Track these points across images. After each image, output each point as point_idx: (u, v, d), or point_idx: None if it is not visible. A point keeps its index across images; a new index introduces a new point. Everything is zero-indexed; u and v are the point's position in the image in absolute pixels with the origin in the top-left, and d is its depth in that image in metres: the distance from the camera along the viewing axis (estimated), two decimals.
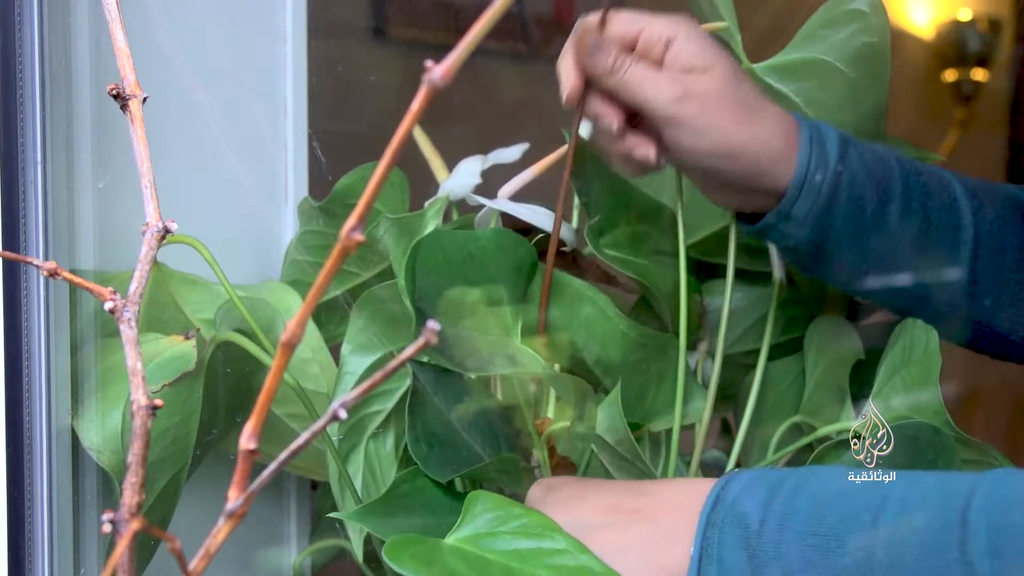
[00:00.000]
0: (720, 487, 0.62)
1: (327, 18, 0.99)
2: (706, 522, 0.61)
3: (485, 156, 0.85)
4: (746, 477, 0.63)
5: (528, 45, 1.45)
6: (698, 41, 0.70)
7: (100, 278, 0.71)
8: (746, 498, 0.61)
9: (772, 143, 0.71)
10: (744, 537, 0.60)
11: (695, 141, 0.69)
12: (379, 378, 0.38)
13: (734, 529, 0.60)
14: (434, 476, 0.71)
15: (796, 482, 0.61)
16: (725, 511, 0.61)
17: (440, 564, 0.61)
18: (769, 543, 0.59)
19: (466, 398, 0.75)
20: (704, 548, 0.61)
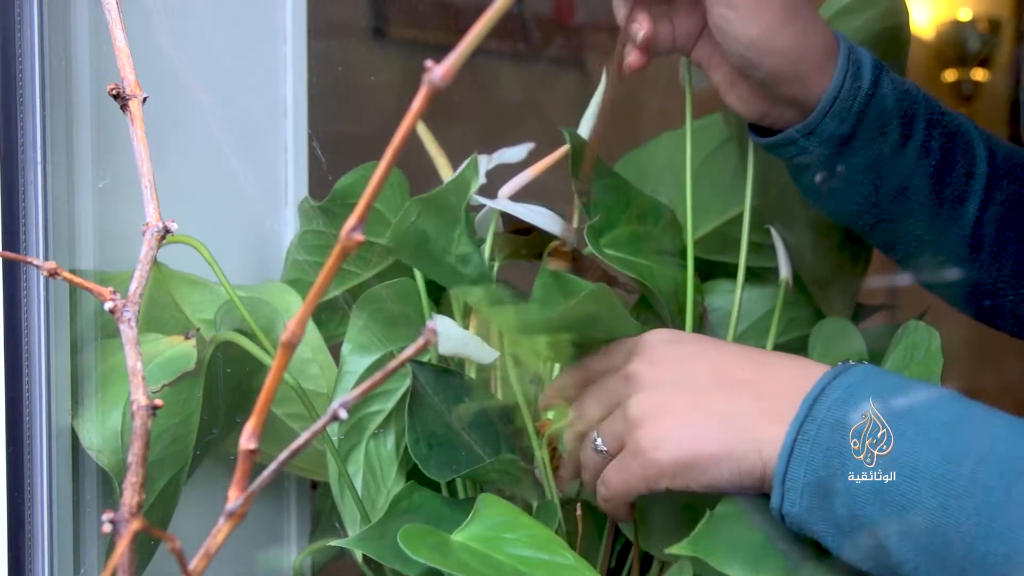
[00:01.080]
0: (828, 380, 0.61)
1: (327, 18, 0.99)
2: (805, 415, 0.61)
3: (489, 156, 0.85)
4: (857, 375, 0.61)
5: (528, 45, 1.45)
6: None
7: (100, 278, 0.71)
8: (850, 402, 0.60)
9: (813, 50, 0.71)
10: (840, 445, 0.59)
11: (743, 27, 0.69)
12: (379, 378, 0.38)
13: (831, 432, 0.60)
14: (434, 476, 0.71)
15: (906, 402, 0.59)
16: (826, 410, 0.60)
17: (453, 557, 0.61)
18: (860, 460, 0.58)
19: (466, 398, 0.75)
20: (798, 441, 0.60)
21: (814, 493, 0.60)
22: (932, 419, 0.59)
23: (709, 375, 0.66)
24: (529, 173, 0.83)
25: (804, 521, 0.61)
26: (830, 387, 0.61)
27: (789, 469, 0.60)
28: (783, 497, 0.61)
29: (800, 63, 0.71)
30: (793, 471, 0.60)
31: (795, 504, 0.61)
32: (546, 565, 0.62)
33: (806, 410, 0.61)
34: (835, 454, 0.59)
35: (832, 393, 0.61)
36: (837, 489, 0.59)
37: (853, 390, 0.60)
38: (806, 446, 0.60)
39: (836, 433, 0.59)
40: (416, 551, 0.60)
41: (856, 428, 0.59)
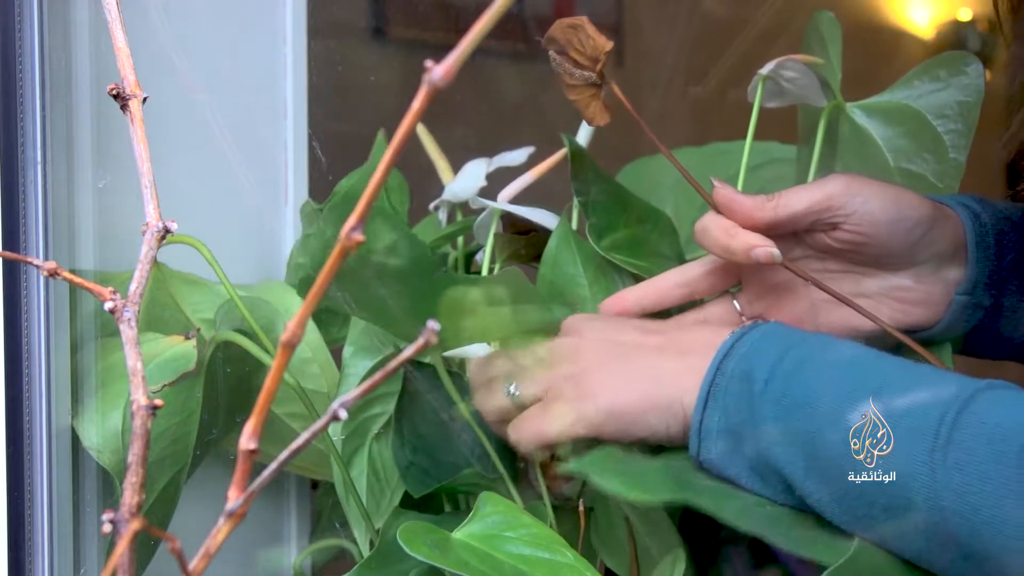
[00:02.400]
0: (736, 337, 0.65)
1: (327, 18, 0.99)
2: (716, 369, 0.64)
3: (490, 159, 0.85)
4: (761, 332, 0.65)
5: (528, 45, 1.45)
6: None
7: (100, 278, 0.71)
8: (756, 355, 0.64)
9: (927, 207, 0.72)
10: (748, 393, 0.63)
11: (869, 212, 0.70)
12: (379, 378, 0.38)
13: (740, 383, 0.63)
14: (410, 490, 0.72)
15: (806, 351, 0.63)
16: (735, 363, 0.64)
17: (453, 555, 0.61)
18: (768, 405, 0.62)
19: (464, 398, 0.75)
20: (711, 393, 0.64)
21: (727, 439, 0.63)
22: (828, 361, 0.62)
23: (632, 339, 0.70)
24: (530, 175, 0.83)
25: (720, 466, 0.64)
26: (739, 343, 0.65)
27: (704, 418, 0.64)
28: (700, 444, 0.64)
29: (933, 221, 0.72)
30: (708, 419, 0.64)
31: (710, 450, 0.64)
32: (546, 563, 0.62)
33: (717, 363, 0.64)
34: (744, 402, 0.63)
35: (740, 348, 0.64)
36: (746, 434, 0.63)
37: (758, 344, 0.64)
38: (718, 396, 0.64)
39: (744, 383, 0.63)
40: (415, 549, 0.60)
41: (762, 378, 0.62)
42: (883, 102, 0.81)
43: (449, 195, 0.85)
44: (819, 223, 0.70)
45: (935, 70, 0.80)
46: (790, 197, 0.70)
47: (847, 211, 0.70)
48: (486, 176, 0.84)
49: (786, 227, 0.71)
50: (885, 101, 0.81)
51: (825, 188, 0.70)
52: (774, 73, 0.76)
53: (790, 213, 0.70)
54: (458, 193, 0.84)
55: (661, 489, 0.63)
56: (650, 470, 0.65)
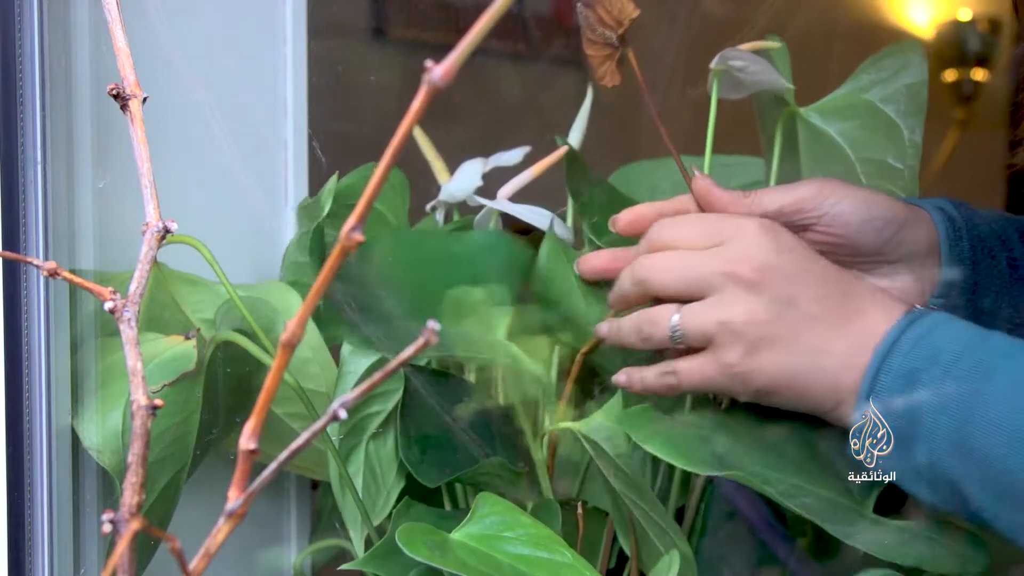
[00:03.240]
0: (901, 329, 0.64)
1: (327, 18, 0.99)
2: (879, 367, 0.64)
3: (486, 158, 0.85)
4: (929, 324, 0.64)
5: (528, 45, 1.45)
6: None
7: (100, 278, 0.71)
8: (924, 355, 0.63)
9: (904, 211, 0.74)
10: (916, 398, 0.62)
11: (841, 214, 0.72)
12: (379, 378, 0.38)
13: (908, 385, 0.63)
14: (425, 481, 0.71)
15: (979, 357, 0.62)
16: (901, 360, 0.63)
17: (452, 555, 0.61)
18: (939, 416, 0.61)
19: (464, 399, 0.75)
20: (875, 390, 0.64)
21: (891, 439, 0.63)
22: (1007, 376, 0.61)
23: (808, 302, 0.67)
24: (528, 174, 0.83)
25: (882, 466, 0.64)
26: (905, 335, 0.64)
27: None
28: (862, 442, 0.64)
29: (905, 221, 0.73)
30: (871, 417, 0.63)
31: (872, 448, 0.64)
32: (545, 563, 0.62)
33: (881, 357, 0.64)
34: (913, 407, 0.62)
35: (905, 344, 0.64)
36: (914, 438, 0.62)
37: (927, 341, 0.63)
38: (883, 394, 0.63)
39: (912, 386, 0.62)
40: (415, 550, 0.60)
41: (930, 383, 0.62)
42: (834, 99, 0.83)
43: (446, 195, 0.85)
44: (792, 224, 0.72)
45: (880, 62, 0.82)
46: (763, 197, 0.72)
47: (818, 213, 0.71)
48: (484, 176, 0.84)
49: None
50: (836, 98, 0.83)
51: (797, 191, 0.72)
52: (723, 65, 0.77)
53: (762, 212, 0.71)
54: (454, 193, 0.84)
55: (704, 462, 0.63)
56: (693, 439, 0.66)
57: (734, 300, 0.67)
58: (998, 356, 0.62)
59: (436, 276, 0.74)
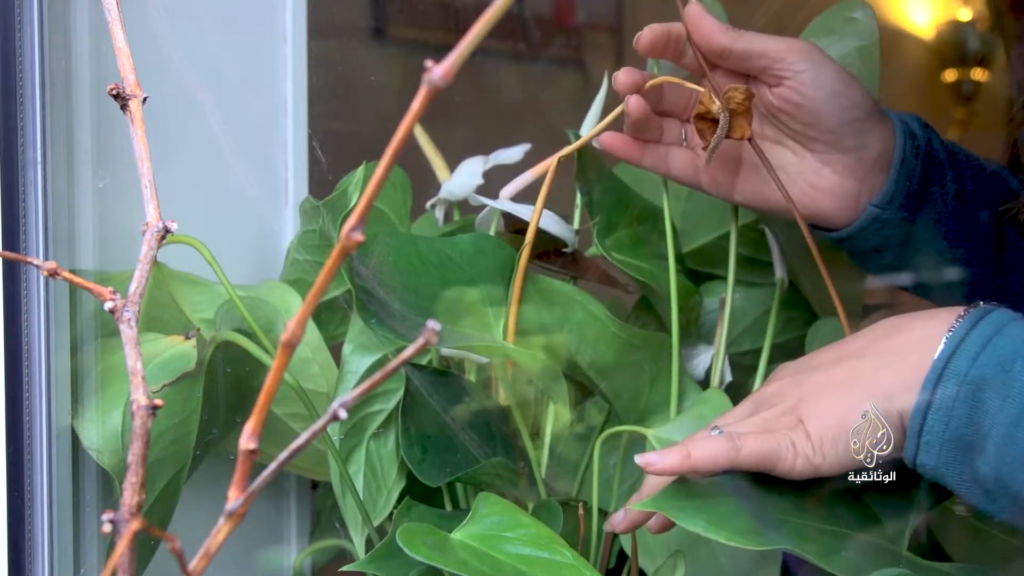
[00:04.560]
0: (965, 330, 0.60)
1: (327, 18, 0.99)
2: (942, 369, 0.60)
3: (487, 157, 0.85)
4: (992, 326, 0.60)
5: (528, 45, 1.45)
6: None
7: (100, 278, 0.71)
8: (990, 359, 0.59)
9: (872, 105, 0.74)
10: (979, 403, 0.58)
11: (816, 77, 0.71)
12: (379, 378, 0.38)
13: (971, 390, 0.59)
14: (427, 481, 0.71)
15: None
16: (964, 363, 0.59)
17: (452, 555, 0.61)
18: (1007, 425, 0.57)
19: (464, 399, 0.75)
20: (935, 396, 0.59)
21: (952, 448, 0.59)
22: None
23: (833, 359, 0.66)
24: (530, 174, 0.83)
25: (940, 474, 0.60)
26: (968, 338, 0.60)
27: (926, 423, 0.60)
28: (917, 449, 0.60)
29: (869, 116, 0.73)
30: (930, 424, 0.60)
31: (930, 457, 0.60)
32: (546, 563, 0.62)
33: (943, 361, 0.60)
34: (976, 413, 0.59)
35: (969, 346, 0.60)
36: (976, 446, 0.59)
37: (992, 344, 0.60)
38: (944, 400, 0.59)
39: (975, 391, 0.59)
40: (415, 549, 0.60)
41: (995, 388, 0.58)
42: None
43: (446, 193, 0.85)
44: (767, 72, 0.72)
45: (828, 24, 0.82)
46: (752, 37, 0.72)
47: (797, 68, 0.71)
48: (484, 175, 0.84)
49: (737, 61, 0.72)
50: None
51: (787, 42, 0.72)
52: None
53: (744, 48, 0.72)
54: (455, 191, 0.84)
55: (749, 532, 0.60)
56: (732, 510, 0.62)
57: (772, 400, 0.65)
58: None
59: (432, 279, 0.74)
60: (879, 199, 0.75)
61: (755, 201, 0.77)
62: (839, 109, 0.72)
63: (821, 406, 0.63)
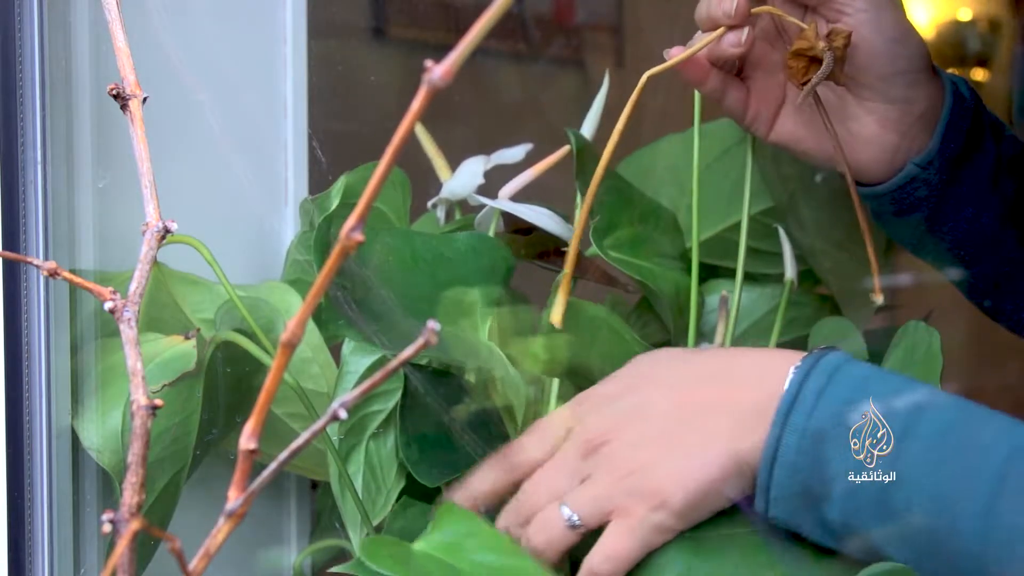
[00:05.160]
0: (797, 385, 0.60)
1: (327, 18, 0.99)
2: (782, 425, 0.60)
3: (488, 156, 0.85)
4: (825, 375, 0.60)
5: (528, 45, 1.45)
6: None
7: (100, 278, 0.71)
8: (824, 411, 0.59)
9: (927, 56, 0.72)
10: (819, 454, 0.59)
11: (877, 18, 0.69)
12: (379, 377, 0.38)
13: (811, 443, 0.59)
14: (424, 481, 0.71)
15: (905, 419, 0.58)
16: (801, 418, 0.59)
17: (415, 566, 0.61)
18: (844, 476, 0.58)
19: (463, 400, 0.75)
20: (778, 453, 0.60)
21: (798, 499, 0.60)
22: (925, 427, 0.58)
23: (672, 411, 0.64)
24: (530, 173, 0.83)
25: (790, 523, 0.61)
26: (802, 391, 0.60)
27: (772, 479, 0.60)
28: (768, 504, 0.61)
29: (922, 69, 0.72)
30: (776, 479, 0.60)
31: (779, 510, 0.61)
32: (508, 570, 0.61)
33: (782, 419, 0.60)
34: (817, 463, 0.59)
35: (805, 399, 0.60)
36: (820, 495, 0.59)
37: (827, 393, 0.60)
38: (786, 455, 0.60)
39: (815, 443, 0.59)
40: (376, 561, 0.60)
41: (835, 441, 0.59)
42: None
43: (447, 193, 0.85)
44: (828, 5, 0.70)
45: None
46: None
47: (858, 6, 0.69)
48: (486, 174, 0.84)
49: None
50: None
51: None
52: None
53: None
54: (456, 191, 0.84)
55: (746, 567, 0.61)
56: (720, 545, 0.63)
57: (608, 458, 0.64)
58: (908, 411, 0.59)
59: (424, 277, 0.74)
60: (921, 157, 0.73)
61: (790, 142, 0.75)
62: (895, 57, 0.70)
63: (682, 479, 0.62)
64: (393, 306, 0.71)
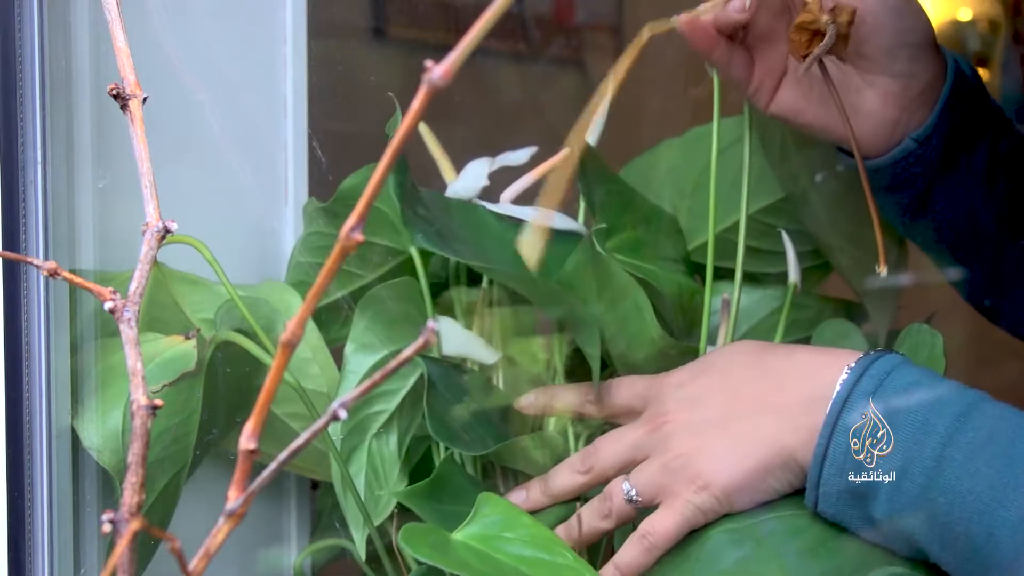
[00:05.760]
0: (849, 386, 0.62)
1: (327, 18, 0.99)
2: (832, 426, 0.62)
3: (493, 158, 0.85)
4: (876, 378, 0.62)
5: (528, 45, 1.45)
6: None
7: (100, 278, 0.71)
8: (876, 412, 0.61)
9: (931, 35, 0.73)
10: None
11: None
12: (379, 378, 0.38)
13: (862, 444, 0.61)
14: (469, 451, 0.73)
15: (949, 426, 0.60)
16: (852, 417, 0.62)
17: (454, 556, 0.62)
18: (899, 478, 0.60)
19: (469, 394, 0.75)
20: (829, 451, 0.62)
21: (848, 497, 0.62)
22: (969, 435, 0.60)
23: (727, 403, 0.68)
24: (532, 176, 0.83)
25: (840, 520, 0.64)
26: (853, 393, 0.62)
27: (822, 476, 0.63)
28: (817, 500, 0.64)
29: (926, 44, 0.72)
30: (826, 478, 0.63)
31: (829, 506, 0.63)
32: (546, 565, 0.62)
33: (833, 419, 0.62)
34: (868, 462, 0.61)
35: (856, 401, 0.62)
36: (870, 495, 0.61)
37: (879, 394, 0.62)
38: (837, 454, 0.62)
39: (867, 445, 0.61)
40: (417, 550, 0.60)
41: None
42: None
43: (451, 194, 0.85)
44: None
45: None
46: None
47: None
48: (490, 176, 0.84)
49: None
50: None
51: None
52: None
53: None
54: (460, 192, 0.84)
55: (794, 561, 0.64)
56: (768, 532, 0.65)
57: (668, 441, 0.68)
58: (953, 418, 0.60)
59: None
60: (920, 132, 0.73)
61: (789, 115, 0.75)
62: (899, 30, 0.71)
63: (725, 465, 0.66)
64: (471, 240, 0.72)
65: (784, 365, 0.68)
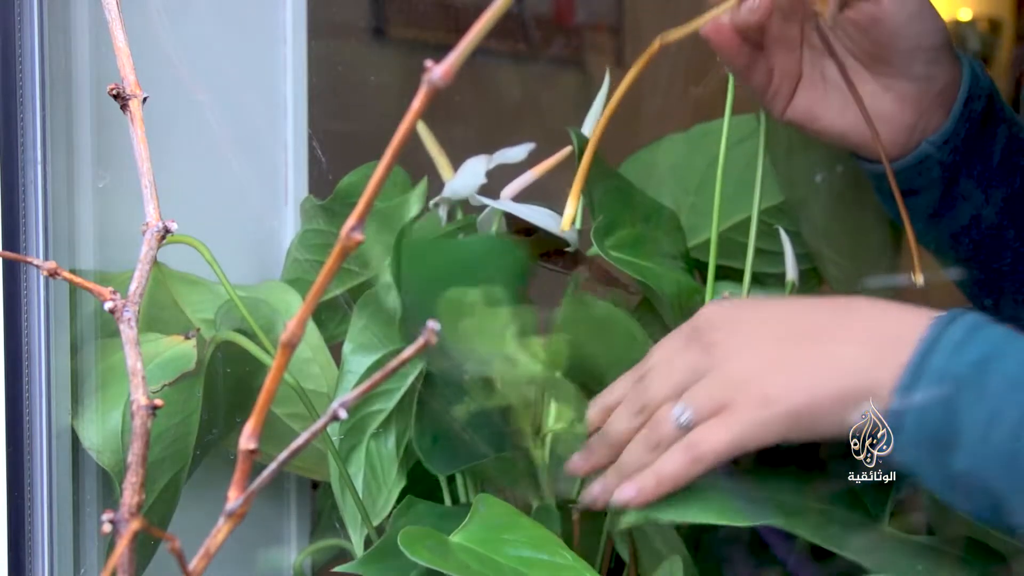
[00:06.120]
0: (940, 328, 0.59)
1: (327, 18, 0.99)
2: (918, 365, 0.58)
3: (490, 156, 0.85)
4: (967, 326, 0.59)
5: (528, 45, 1.45)
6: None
7: (100, 278, 0.71)
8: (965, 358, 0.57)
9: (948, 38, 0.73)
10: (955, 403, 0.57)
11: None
12: (379, 377, 0.38)
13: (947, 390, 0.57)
14: (436, 471, 0.71)
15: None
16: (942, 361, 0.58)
17: (453, 558, 0.61)
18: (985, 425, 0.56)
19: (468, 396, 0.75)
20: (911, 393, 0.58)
21: (926, 446, 0.58)
22: None
23: (795, 329, 0.64)
24: (532, 174, 0.83)
25: (913, 469, 0.60)
26: (944, 336, 0.59)
27: (901, 419, 0.59)
28: (895, 448, 0.59)
29: (943, 47, 0.72)
30: (907, 423, 0.59)
31: (904, 453, 0.59)
32: (546, 565, 0.62)
33: (919, 359, 0.58)
34: (951, 412, 0.57)
35: (945, 345, 0.58)
36: (952, 445, 0.57)
37: (969, 342, 0.58)
38: (920, 398, 0.58)
39: (952, 390, 0.57)
40: (415, 553, 0.60)
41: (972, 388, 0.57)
42: None
43: (449, 192, 0.85)
44: None
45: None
46: None
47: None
48: (489, 174, 0.83)
49: None
50: None
51: None
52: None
53: None
54: (458, 190, 0.84)
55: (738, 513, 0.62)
56: (722, 495, 0.63)
57: (728, 359, 0.64)
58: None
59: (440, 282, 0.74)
60: (937, 136, 0.73)
61: (805, 120, 0.74)
62: (917, 33, 0.70)
63: (803, 385, 0.61)
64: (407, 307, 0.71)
65: (863, 310, 0.64)
